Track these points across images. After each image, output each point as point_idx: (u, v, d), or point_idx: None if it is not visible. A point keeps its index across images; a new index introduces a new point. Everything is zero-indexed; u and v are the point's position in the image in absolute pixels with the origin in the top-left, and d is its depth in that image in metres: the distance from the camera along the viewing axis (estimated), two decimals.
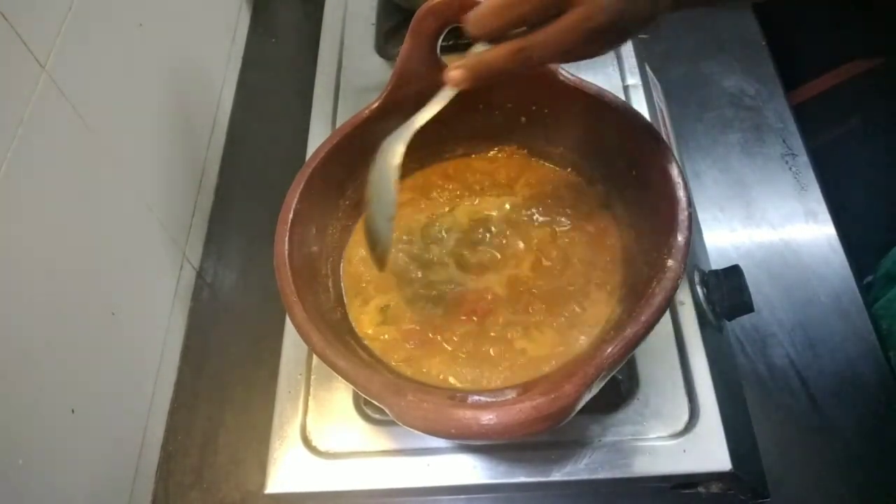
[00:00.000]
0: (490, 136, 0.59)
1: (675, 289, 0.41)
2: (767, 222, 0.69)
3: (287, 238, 0.47)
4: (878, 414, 0.58)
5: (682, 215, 0.43)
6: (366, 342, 0.51)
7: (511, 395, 0.40)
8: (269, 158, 0.82)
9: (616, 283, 0.50)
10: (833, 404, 0.58)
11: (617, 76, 0.65)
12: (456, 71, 0.41)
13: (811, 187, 0.71)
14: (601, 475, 0.46)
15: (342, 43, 0.75)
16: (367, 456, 0.49)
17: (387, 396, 0.39)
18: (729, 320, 0.56)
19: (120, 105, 0.61)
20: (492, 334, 0.49)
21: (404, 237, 0.56)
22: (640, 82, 0.65)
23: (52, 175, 0.51)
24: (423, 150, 0.58)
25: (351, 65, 0.73)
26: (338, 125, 0.55)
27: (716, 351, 0.52)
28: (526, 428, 0.36)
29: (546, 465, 0.47)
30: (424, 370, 0.48)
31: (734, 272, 0.52)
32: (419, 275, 0.54)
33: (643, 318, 0.39)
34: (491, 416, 0.36)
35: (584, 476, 0.46)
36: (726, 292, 0.52)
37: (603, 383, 0.38)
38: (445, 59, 0.53)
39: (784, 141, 0.74)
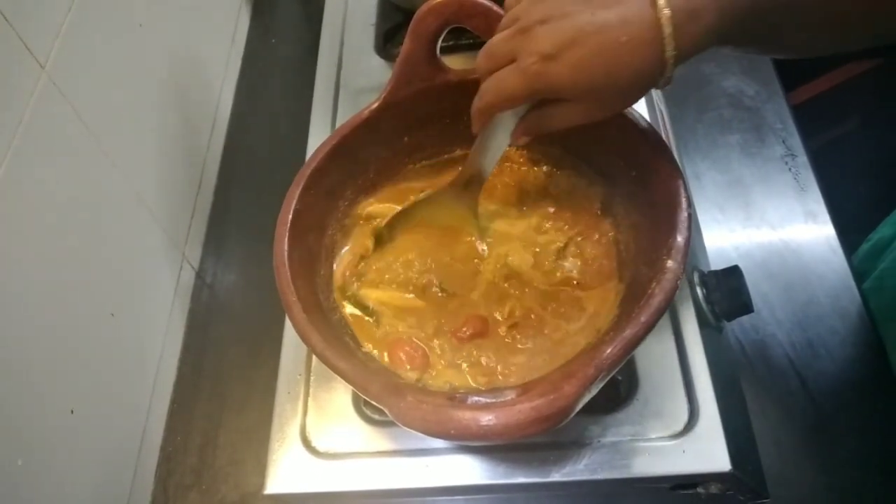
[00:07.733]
0: None
1: (674, 290, 0.40)
2: (767, 223, 0.69)
3: (286, 238, 0.47)
4: (878, 414, 0.58)
5: (682, 216, 0.43)
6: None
7: (510, 395, 0.39)
8: (268, 159, 0.82)
9: (615, 284, 0.50)
10: (832, 404, 0.58)
11: None
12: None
13: (810, 188, 0.71)
14: (600, 476, 0.46)
15: (342, 43, 0.75)
16: (367, 456, 0.49)
17: (386, 397, 0.39)
18: (728, 321, 0.56)
19: (119, 105, 0.61)
20: (490, 343, 0.49)
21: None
22: None
23: (51, 176, 0.51)
24: (422, 152, 0.58)
25: (351, 65, 0.73)
26: (338, 125, 0.55)
27: (715, 351, 0.52)
28: (525, 429, 0.36)
29: (545, 466, 0.47)
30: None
31: (733, 273, 0.52)
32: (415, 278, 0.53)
33: (642, 319, 0.39)
34: (490, 417, 0.36)
35: (584, 476, 0.46)
36: (726, 293, 0.52)
37: (602, 384, 0.38)
38: (445, 59, 0.53)
39: (783, 141, 0.74)
